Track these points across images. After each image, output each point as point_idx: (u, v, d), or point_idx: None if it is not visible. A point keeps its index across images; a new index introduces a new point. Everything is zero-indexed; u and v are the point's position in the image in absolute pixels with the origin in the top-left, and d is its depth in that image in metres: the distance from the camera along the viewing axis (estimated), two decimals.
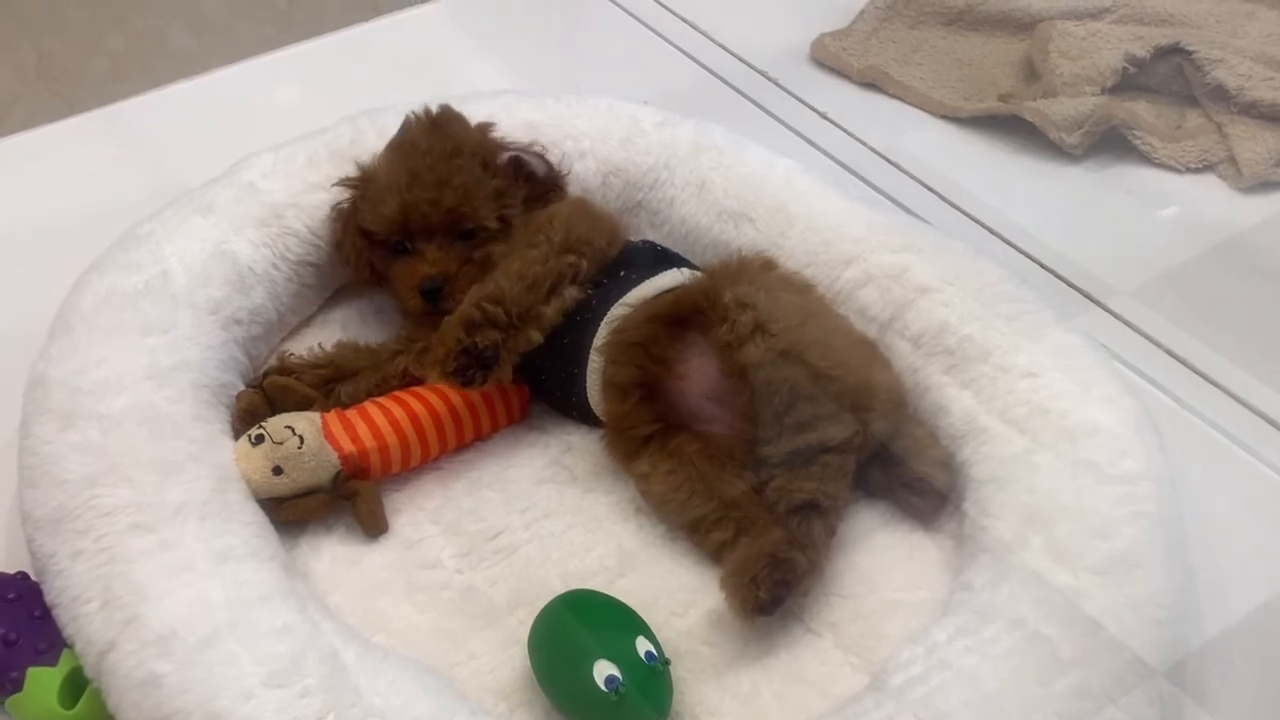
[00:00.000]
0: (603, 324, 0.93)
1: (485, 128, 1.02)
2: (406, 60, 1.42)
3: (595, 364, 0.93)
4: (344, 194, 1.02)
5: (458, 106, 1.04)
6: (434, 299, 0.95)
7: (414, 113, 1.00)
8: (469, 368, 0.87)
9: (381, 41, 1.47)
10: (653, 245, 1.02)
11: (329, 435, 0.89)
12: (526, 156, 1.00)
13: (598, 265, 0.95)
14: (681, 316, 0.92)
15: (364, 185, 1.00)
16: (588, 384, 0.93)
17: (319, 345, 0.99)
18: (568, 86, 1.24)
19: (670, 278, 0.95)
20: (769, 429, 0.86)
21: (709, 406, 0.90)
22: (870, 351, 0.95)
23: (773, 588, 0.81)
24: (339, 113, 1.11)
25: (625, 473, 0.93)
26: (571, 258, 0.92)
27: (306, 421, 0.89)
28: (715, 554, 0.87)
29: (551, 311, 0.92)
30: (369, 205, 0.98)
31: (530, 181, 1.00)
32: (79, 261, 0.97)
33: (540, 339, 0.91)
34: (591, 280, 0.94)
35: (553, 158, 1.04)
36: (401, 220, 0.96)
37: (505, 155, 0.99)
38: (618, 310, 0.93)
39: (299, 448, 0.87)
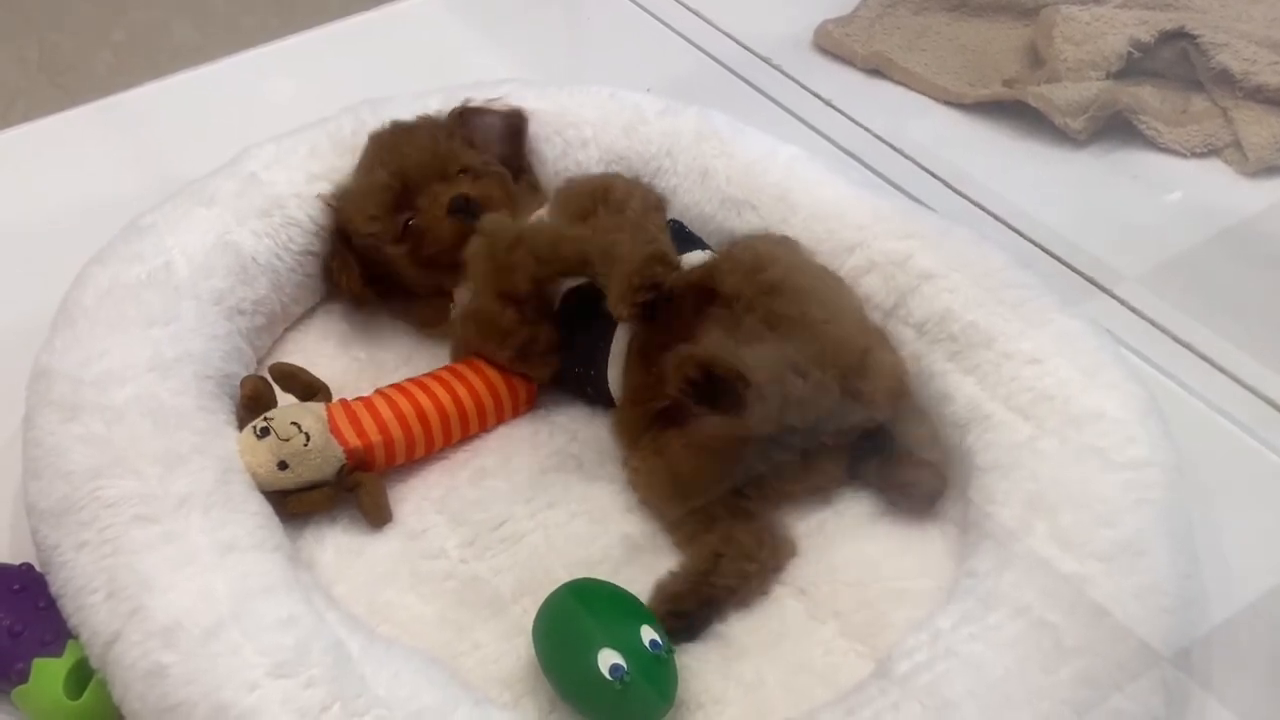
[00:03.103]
0: None
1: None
2: (408, 50, 1.42)
3: (622, 336, 0.92)
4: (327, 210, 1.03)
5: (461, 95, 1.05)
6: (468, 212, 0.95)
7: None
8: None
9: (383, 31, 1.47)
10: (681, 225, 1.02)
11: (334, 429, 0.89)
12: (477, 120, 1.04)
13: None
14: (708, 290, 0.91)
15: (343, 197, 1.02)
16: (610, 355, 0.93)
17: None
18: (570, 75, 1.24)
19: (695, 258, 0.95)
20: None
21: (719, 385, 0.90)
22: (880, 335, 0.95)
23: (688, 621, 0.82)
24: (341, 103, 1.11)
25: (628, 456, 0.93)
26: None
27: (313, 418, 0.89)
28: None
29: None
30: (356, 203, 1.00)
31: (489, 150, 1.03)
32: (81, 254, 0.97)
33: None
34: None
35: (510, 111, 1.07)
36: (400, 175, 0.98)
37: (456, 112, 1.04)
38: None
39: (305, 445, 0.87)
